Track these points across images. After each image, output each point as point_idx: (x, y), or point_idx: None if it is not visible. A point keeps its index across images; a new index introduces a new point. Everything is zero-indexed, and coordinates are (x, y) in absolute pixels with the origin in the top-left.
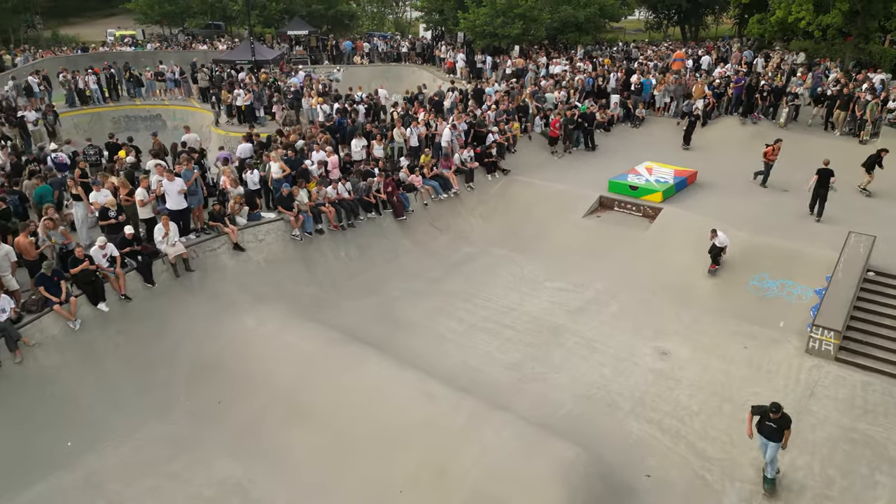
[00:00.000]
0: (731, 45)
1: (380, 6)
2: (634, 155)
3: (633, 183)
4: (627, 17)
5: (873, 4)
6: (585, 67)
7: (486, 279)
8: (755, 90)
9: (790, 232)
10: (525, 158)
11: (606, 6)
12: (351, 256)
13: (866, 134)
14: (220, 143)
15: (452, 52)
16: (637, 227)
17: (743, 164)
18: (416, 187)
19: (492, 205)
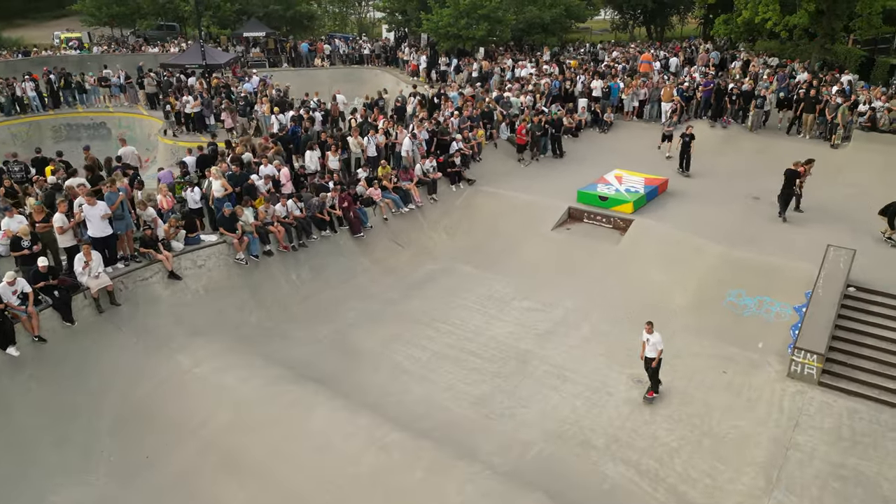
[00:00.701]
0: (698, 46)
1: (342, 6)
2: (603, 161)
3: (603, 193)
4: (593, 18)
5: (838, 4)
6: (552, 70)
7: (449, 300)
8: (724, 94)
9: (766, 243)
10: (491, 167)
11: (572, 7)
12: (303, 279)
13: (838, 138)
14: (168, 153)
15: (416, 55)
16: (608, 240)
17: (714, 170)
18: (374, 201)
19: (456, 218)
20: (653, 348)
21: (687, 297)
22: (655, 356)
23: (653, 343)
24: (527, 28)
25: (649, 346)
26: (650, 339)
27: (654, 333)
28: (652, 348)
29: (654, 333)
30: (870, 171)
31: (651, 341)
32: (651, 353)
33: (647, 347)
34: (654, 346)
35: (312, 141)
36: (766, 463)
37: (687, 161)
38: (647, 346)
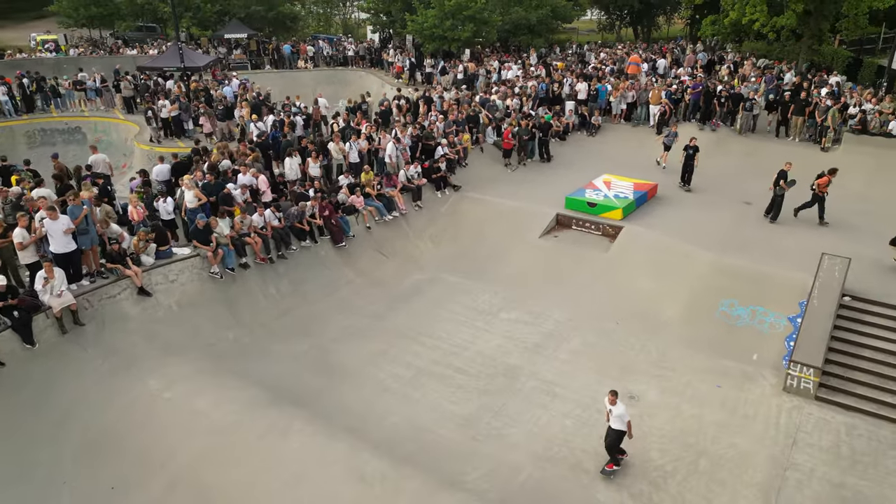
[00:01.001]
0: (685, 47)
1: (326, 7)
2: (592, 166)
3: (592, 199)
4: (580, 18)
5: (826, 5)
6: (539, 73)
7: (436, 312)
8: (713, 96)
9: (758, 251)
10: (477, 172)
11: (558, 7)
12: (282, 293)
13: (828, 141)
14: (145, 159)
15: (401, 56)
16: (597, 248)
17: (704, 174)
18: (357, 209)
19: (442, 225)
20: (618, 420)
21: (678, 306)
22: (626, 430)
23: (617, 415)
24: (513, 29)
25: (613, 416)
26: (613, 410)
27: (618, 404)
28: (617, 420)
29: (617, 405)
30: (861, 174)
31: (615, 413)
32: (618, 426)
33: (612, 418)
34: (619, 418)
35: (292, 147)
36: (765, 484)
37: (689, 175)
38: (612, 417)
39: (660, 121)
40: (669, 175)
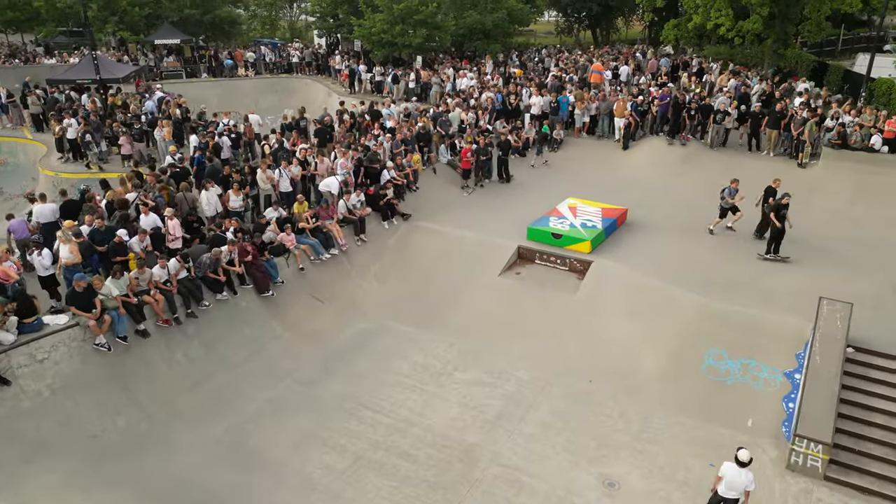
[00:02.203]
0: (646, 51)
1: (271, 10)
2: (555, 186)
3: (556, 230)
4: (537, 20)
5: (791, 9)
6: (496, 82)
7: (380, 373)
8: (682, 108)
9: (745, 289)
10: (429, 197)
11: (515, 11)
12: (192, 358)
13: (805, 156)
14: (51, 186)
15: (348, 63)
16: (564, 287)
17: (676, 195)
18: (287, 249)
19: (389, 261)
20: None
21: (660, 360)
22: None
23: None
24: (468, 34)
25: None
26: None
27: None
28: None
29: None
30: (843, 193)
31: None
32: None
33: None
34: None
35: (205, 179)
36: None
37: (777, 243)
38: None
39: (625, 134)
40: (641, 195)
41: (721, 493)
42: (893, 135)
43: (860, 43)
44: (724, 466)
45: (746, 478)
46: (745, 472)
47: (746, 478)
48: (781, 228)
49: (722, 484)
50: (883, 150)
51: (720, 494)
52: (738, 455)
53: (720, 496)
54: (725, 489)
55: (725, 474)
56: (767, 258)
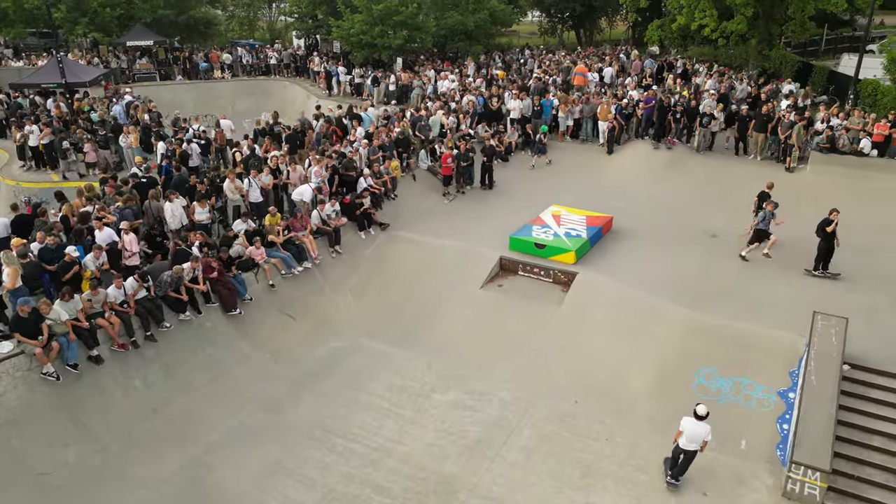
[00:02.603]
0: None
1: (249, 10)
2: (539, 192)
3: (540, 240)
4: (521, 20)
5: (775, 9)
6: (478, 84)
7: (353, 395)
8: (667, 111)
9: (734, 302)
10: (408, 205)
11: (497, 11)
12: (151, 384)
13: (793, 161)
14: (11, 194)
15: (328, 65)
16: (548, 300)
17: (662, 201)
18: (256, 264)
19: (365, 274)
20: None
21: (647, 378)
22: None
23: None
24: (449, 35)
25: None
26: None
27: None
28: None
29: None
30: (832, 199)
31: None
32: None
33: None
34: None
35: (172, 190)
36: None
37: (826, 260)
38: None
39: (609, 138)
40: (626, 202)
41: (682, 446)
42: (882, 138)
43: (843, 43)
44: (683, 421)
45: (703, 429)
46: (702, 425)
47: (703, 429)
48: (831, 245)
49: (683, 438)
50: (872, 154)
51: (681, 447)
52: (696, 410)
53: (681, 449)
54: (686, 442)
55: (685, 428)
56: (816, 275)
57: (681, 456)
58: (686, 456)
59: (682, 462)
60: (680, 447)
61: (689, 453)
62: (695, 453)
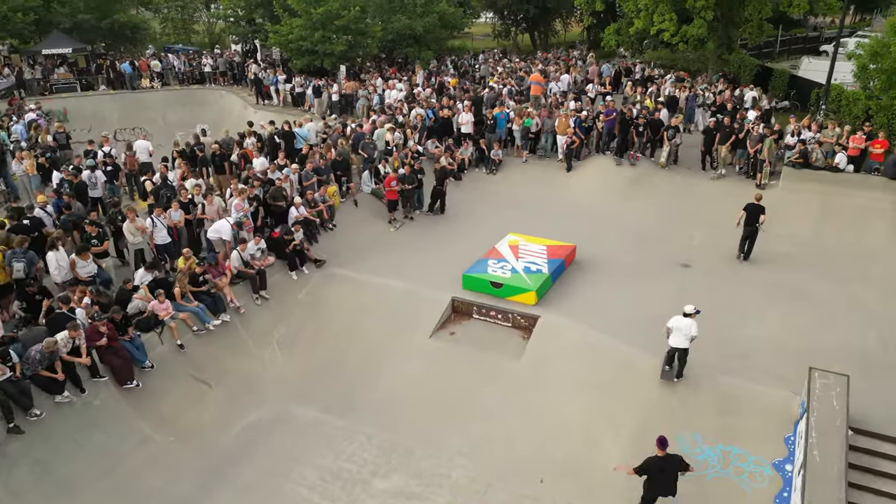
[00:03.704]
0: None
1: (183, 12)
2: (493, 215)
3: (496, 277)
4: (474, 22)
5: (734, 11)
6: (428, 94)
7: (277, 488)
8: (630, 124)
9: (714, 346)
10: (349, 237)
11: (447, 15)
12: (17, 491)
13: (764, 177)
14: None
15: (263, 73)
16: (507, 350)
17: (628, 223)
18: (161, 321)
19: (297, 322)
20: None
21: (623, 448)
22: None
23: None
24: (397, 39)
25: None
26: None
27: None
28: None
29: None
30: (807, 218)
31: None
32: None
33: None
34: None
35: (56, 234)
36: None
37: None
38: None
39: (568, 153)
40: (589, 225)
41: (673, 345)
42: (858, 152)
43: (797, 44)
44: (672, 320)
45: (688, 324)
46: (688, 321)
47: (688, 324)
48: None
49: (671, 337)
50: (848, 169)
51: (673, 347)
52: (684, 309)
53: (674, 349)
54: (674, 341)
55: (674, 326)
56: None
57: (675, 356)
58: (679, 354)
59: (679, 359)
60: (672, 346)
61: (681, 351)
62: (686, 351)
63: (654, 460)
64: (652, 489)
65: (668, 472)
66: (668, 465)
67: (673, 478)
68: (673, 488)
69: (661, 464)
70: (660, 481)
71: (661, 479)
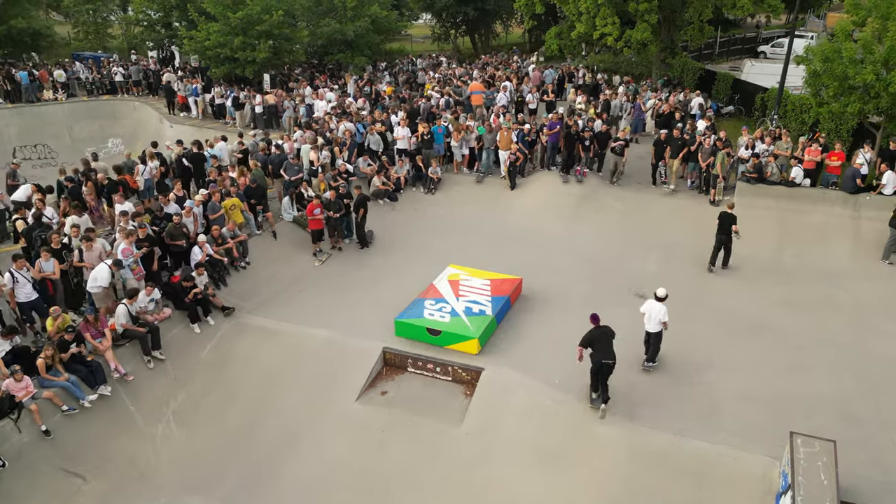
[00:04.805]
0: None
1: (95, 15)
2: (431, 243)
3: (434, 323)
4: (414, 23)
5: (677, 14)
6: (361, 105)
7: None
8: (575, 139)
9: (679, 399)
10: (265, 275)
11: (380, 18)
12: None
13: (718, 193)
14: None
15: (182, 84)
16: (447, 413)
17: (577, 246)
18: (17, 403)
19: (198, 389)
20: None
21: None
22: None
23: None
24: (327, 45)
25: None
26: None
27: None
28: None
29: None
30: (765, 237)
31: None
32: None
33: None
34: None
35: None
36: None
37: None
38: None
39: (511, 170)
40: (536, 252)
41: (647, 329)
42: (814, 165)
43: (736, 45)
44: (645, 304)
45: (661, 310)
46: (659, 306)
47: (661, 310)
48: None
49: (645, 320)
50: (805, 184)
51: (647, 331)
52: (656, 293)
53: (648, 333)
54: (647, 324)
55: (646, 310)
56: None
57: (650, 339)
58: (653, 338)
59: (653, 344)
60: (647, 331)
61: (654, 335)
62: (660, 334)
63: (592, 332)
64: (595, 356)
65: (605, 339)
66: (604, 334)
67: (609, 345)
68: (612, 354)
69: (597, 333)
70: (600, 348)
71: (601, 345)
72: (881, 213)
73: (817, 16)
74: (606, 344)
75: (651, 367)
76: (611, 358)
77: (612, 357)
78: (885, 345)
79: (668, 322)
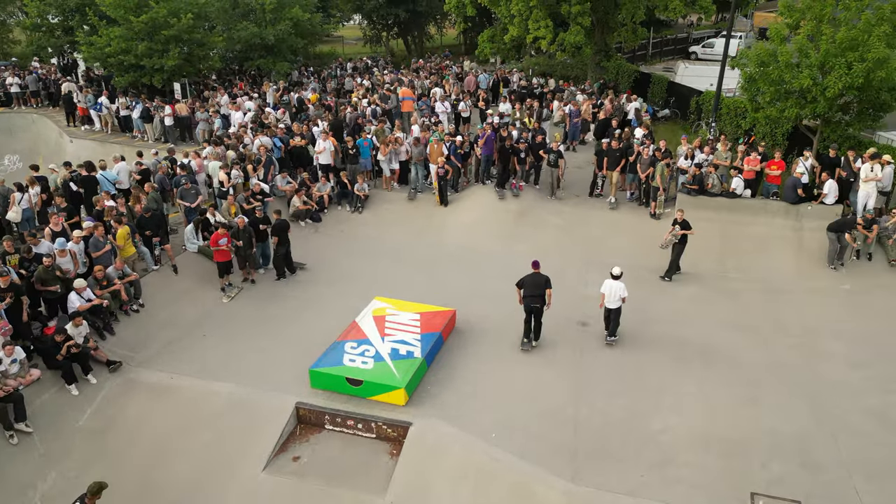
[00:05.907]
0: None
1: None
2: (356, 270)
3: (355, 371)
4: (344, 25)
5: (610, 17)
6: (280, 117)
7: None
8: (510, 152)
9: (634, 451)
10: (162, 318)
11: (302, 22)
12: None
13: (659, 206)
14: None
15: (81, 93)
16: (368, 480)
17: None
18: None
19: (75, 465)
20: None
21: None
22: None
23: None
24: (245, 50)
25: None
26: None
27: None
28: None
29: None
30: (708, 252)
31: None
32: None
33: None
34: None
35: None
36: None
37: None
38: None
39: (442, 186)
40: (471, 277)
41: (607, 306)
42: (754, 175)
43: (668, 45)
44: (604, 285)
45: (619, 286)
46: (617, 283)
47: (619, 286)
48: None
49: (606, 300)
50: (745, 194)
51: (608, 308)
52: (611, 272)
53: (608, 310)
54: (608, 302)
55: (605, 290)
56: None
57: (609, 315)
58: (612, 314)
59: (613, 320)
60: (607, 308)
61: (614, 311)
62: (619, 310)
63: (527, 276)
64: (525, 300)
65: (534, 284)
66: (537, 280)
67: (538, 288)
68: (540, 301)
69: (531, 278)
70: (529, 293)
71: (530, 289)
72: (823, 223)
73: (745, 15)
74: (535, 288)
75: (613, 341)
76: (538, 302)
77: (539, 301)
78: (833, 369)
79: (626, 297)
